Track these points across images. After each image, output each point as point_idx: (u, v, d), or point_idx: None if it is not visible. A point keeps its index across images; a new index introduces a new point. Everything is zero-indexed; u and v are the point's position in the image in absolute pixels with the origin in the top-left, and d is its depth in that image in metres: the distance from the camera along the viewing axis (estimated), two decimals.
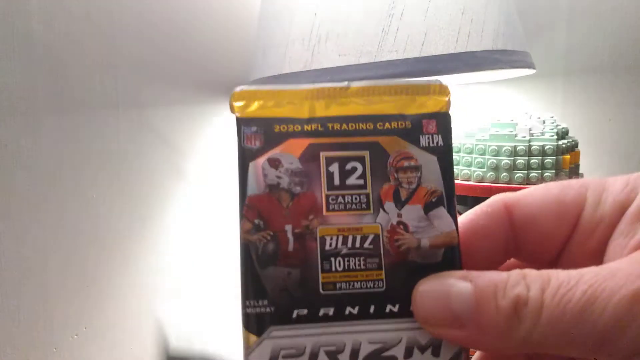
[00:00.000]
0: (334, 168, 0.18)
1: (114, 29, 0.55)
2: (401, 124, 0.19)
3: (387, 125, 0.19)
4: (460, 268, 0.18)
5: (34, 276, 0.50)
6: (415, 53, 0.46)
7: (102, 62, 0.55)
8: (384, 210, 0.18)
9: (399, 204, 0.18)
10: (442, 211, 0.18)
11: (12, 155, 0.47)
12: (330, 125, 0.19)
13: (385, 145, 0.19)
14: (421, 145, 0.19)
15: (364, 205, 0.18)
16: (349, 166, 0.18)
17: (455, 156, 0.51)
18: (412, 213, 0.18)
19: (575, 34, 0.68)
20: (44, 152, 0.50)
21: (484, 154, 0.50)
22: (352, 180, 0.18)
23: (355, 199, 0.18)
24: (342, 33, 0.48)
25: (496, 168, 0.49)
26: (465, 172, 0.50)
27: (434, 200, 0.18)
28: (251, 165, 0.18)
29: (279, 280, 0.17)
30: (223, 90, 0.69)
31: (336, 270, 0.18)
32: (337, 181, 0.18)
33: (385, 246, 0.18)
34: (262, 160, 0.18)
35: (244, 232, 0.18)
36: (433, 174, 0.18)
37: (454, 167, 0.51)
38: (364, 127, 0.19)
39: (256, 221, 0.18)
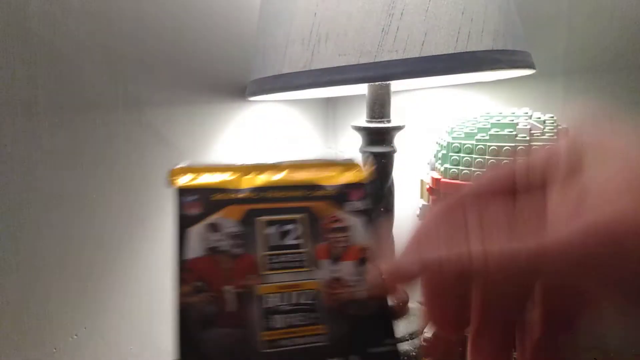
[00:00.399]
0: (272, 230, 0.20)
1: (114, 29, 0.55)
2: (329, 192, 0.21)
3: (317, 193, 0.21)
4: (393, 315, 0.20)
5: (34, 276, 0.50)
6: (415, 53, 0.46)
7: (103, 62, 0.55)
8: (320, 267, 0.20)
9: (334, 261, 0.20)
10: (371, 265, 0.20)
11: (12, 155, 0.47)
12: (265, 193, 0.20)
13: (317, 209, 0.21)
14: (347, 209, 0.21)
15: (301, 264, 0.20)
16: (286, 228, 0.20)
17: (455, 156, 0.51)
18: (346, 269, 0.20)
19: (575, 34, 0.67)
20: (44, 152, 0.50)
21: (484, 154, 0.49)
22: (289, 241, 0.20)
23: (294, 258, 0.20)
24: (342, 33, 0.48)
25: None
26: (466, 172, 0.50)
27: (363, 256, 0.20)
28: (190, 231, 0.19)
29: (220, 342, 0.18)
30: (223, 91, 0.69)
31: (278, 328, 0.18)
32: (275, 242, 0.20)
33: (324, 301, 0.19)
34: (201, 225, 0.19)
35: (182, 295, 0.18)
36: (360, 233, 0.21)
37: (454, 167, 0.51)
38: (298, 194, 0.21)
39: (196, 284, 0.18)
